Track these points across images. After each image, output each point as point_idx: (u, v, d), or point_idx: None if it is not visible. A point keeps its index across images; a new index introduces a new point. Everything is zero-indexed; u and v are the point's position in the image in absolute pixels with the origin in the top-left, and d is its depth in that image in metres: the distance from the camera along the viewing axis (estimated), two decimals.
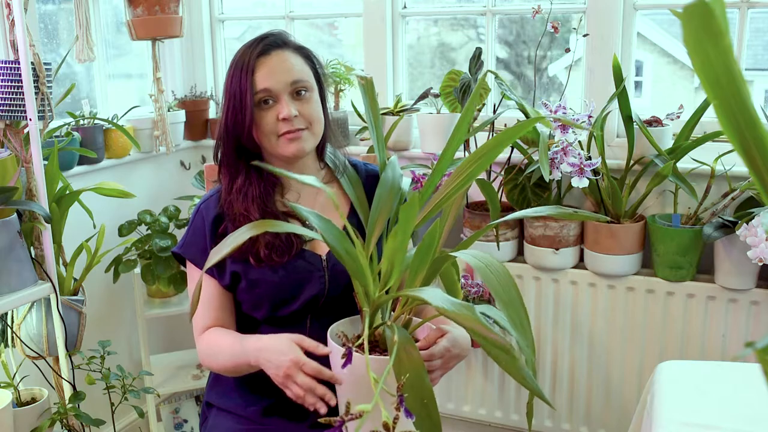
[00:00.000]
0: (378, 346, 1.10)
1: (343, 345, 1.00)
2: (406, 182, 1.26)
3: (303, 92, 1.31)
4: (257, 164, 1.19)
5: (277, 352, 1.14)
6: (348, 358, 0.97)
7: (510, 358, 0.84)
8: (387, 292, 1.06)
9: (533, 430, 2.07)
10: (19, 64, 1.67)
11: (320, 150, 1.41)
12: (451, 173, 1.09)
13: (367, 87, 1.26)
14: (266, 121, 1.30)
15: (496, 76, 2.07)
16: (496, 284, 0.89)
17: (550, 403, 0.84)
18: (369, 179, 1.40)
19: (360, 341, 1.01)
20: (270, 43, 1.32)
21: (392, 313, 1.12)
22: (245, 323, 1.39)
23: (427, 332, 1.17)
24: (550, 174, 1.90)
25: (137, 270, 2.25)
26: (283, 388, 1.13)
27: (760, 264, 1.79)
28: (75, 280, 1.95)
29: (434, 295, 0.91)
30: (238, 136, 1.32)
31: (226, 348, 1.28)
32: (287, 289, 1.31)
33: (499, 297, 0.88)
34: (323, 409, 1.07)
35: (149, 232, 2.25)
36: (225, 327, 1.36)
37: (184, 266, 1.42)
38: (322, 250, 1.35)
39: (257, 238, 1.29)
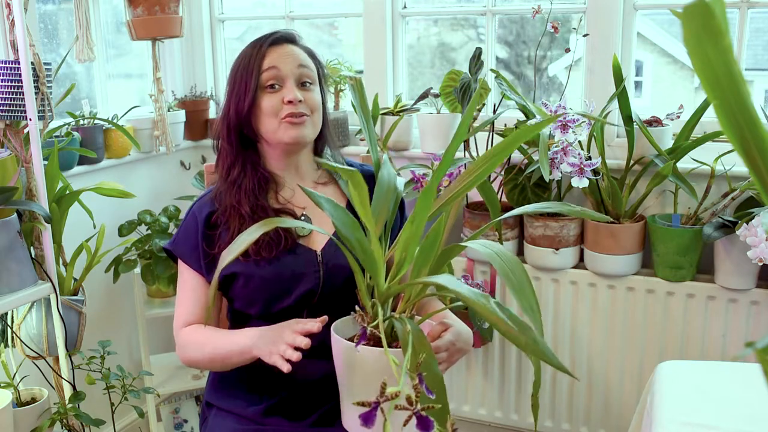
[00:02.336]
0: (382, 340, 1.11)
1: (361, 326, 1.01)
2: (400, 182, 1.27)
3: (308, 83, 1.35)
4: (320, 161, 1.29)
5: (276, 328, 1.20)
6: (363, 335, 0.98)
7: (529, 339, 0.83)
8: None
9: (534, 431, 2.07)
10: (19, 64, 1.67)
11: (318, 151, 1.42)
12: (452, 173, 1.10)
13: (357, 87, 1.27)
14: (270, 104, 1.32)
15: (498, 75, 2.07)
16: (507, 270, 0.90)
17: (572, 374, 0.84)
18: (365, 180, 1.41)
19: (375, 322, 1.01)
20: (282, 37, 1.36)
21: (393, 311, 1.13)
22: (238, 320, 1.40)
23: (428, 329, 1.18)
24: (550, 174, 1.90)
25: (137, 270, 2.25)
26: (269, 355, 1.15)
27: (760, 264, 1.79)
28: (75, 280, 1.95)
29: (450, 281, 0.92)
30: (239, 121, 1.33)
31: (218, 338, 1.31)
32: (281, 284, 1.32)
33: (510, 283, 0.88)
34: (295, 356, 1.10)
35: (149, 232, 2.25)
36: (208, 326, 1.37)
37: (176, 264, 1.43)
38: (317, 245, 1.35)
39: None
